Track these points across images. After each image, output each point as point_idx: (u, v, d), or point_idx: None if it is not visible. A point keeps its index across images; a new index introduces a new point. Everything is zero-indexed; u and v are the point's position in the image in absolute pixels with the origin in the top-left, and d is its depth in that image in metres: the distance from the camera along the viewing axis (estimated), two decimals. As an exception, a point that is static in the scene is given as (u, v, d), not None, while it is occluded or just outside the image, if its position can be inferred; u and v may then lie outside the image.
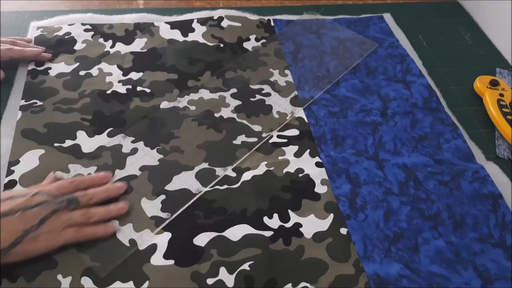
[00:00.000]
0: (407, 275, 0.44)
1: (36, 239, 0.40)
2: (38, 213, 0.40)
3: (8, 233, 0.39)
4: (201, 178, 0.50)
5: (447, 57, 0.70)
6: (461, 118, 0.60)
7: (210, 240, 0.45)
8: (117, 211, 0.45)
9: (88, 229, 0.43)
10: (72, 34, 0.66)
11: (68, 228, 0.42)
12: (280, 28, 0.71)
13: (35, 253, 0.41)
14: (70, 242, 0.42)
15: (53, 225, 0.41)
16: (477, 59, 0.70)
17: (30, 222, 0.40)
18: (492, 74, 0.67)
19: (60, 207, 0.42)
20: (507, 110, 0.59)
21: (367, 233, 0.47)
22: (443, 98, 0.63)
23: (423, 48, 0.71)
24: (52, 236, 0.41)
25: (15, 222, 0.39)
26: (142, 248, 0.44)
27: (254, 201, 0.49)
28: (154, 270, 0.42)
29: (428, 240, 0.47)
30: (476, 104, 0.63)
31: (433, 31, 0.74)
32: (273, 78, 0.63)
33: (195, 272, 0.43)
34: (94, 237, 0.43)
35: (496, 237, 0.47)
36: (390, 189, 0.51)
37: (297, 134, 0.56)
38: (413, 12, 0.78)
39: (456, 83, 0.65)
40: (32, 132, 0.53)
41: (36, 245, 0.40)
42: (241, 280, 0.42)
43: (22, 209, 0.40)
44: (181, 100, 0.59)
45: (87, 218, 0.43)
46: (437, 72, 0.67)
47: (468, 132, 0.58)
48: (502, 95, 0.61)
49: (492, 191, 0.51)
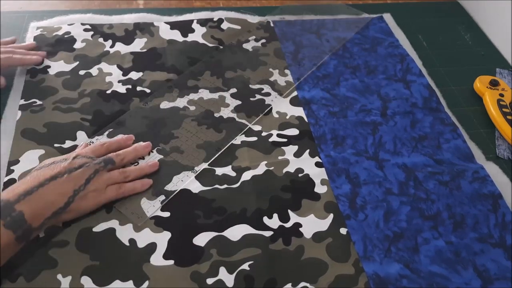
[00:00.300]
0: (407, 275, 0.44)
1: (85, 197, 0.44)
2: (83, 174, 0.44)
3: (60, 194, 0.42)
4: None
5: (447, 57, 0.70)
6: (461, 118, 0.60)
7: (210, 240, 0.45)
8: (149, 168, 0.50)
9: (127, 186, 0.47)
10: (72, 33, 0.66)
11: (110, 186, 0.46)
12: (280, 28, 0.71)
13: (86, 210, 0.45)
14: (113, 198, 0.46)
15: (98, 184, 0.45)
16: (477, 59, 0.70)
17: (78, 182, 0.43)
18: (492, 74, 0.67)
19: (100, 167, 0.46)
20: (507, 110, 0.59)
21: (367, 233, 0.47)
22: (443, 98, 0.62)
23: (423, 48, 0.71)
24: (98, 194, 0.45)
25: (65, 183, 0.42)
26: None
27: (254, 201, 0.49)
28: (154, 270, 0.42)
29: (428, 240, 0.47)
30: (476, 104, 0.63)
31: (433, 31, 0.74)
32: (273, 78, 0.63)
33: (195, 272, 0.43)
34: (133, 193, 0.47)
35: (496, 237, 0.47)
36: (390, 189, 0.51)
37: (297, 134, 0.56)
38: (413, 12, 0.78)
39: (456, 83, 0.65)
40: (32, 132, 0.53)
41: (86, 203, 0.44)
42: (241, 280, 0.42)
43: (68, 172, 0.43)
44: (181, 100, 0.59)
45: (124, 177, 0.47)
46: (437, 72, 0.67)
47: (468, 132, 0.58)
48: (502, 95, 0.61)
49: (492, 191, 0.51)
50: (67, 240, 0.44)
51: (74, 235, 0.44)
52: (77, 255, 0.43)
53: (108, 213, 0.46)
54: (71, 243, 0.43)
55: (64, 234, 0.44)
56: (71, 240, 0.44)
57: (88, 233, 0.44)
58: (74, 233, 0.44)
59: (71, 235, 0.44)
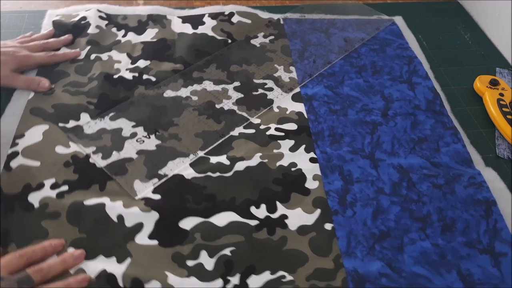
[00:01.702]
0: (388, 274, 0.43)
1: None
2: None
3: None
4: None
5: (447, 57, 0.69)
6: (461, 118, 0.60)
7: (196, 224, 0.46)
8: (76, 284, 0.40)
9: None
10: (88, 19, 0.68)
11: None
12: (289, 26, 0.72)
13: None
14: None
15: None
16: (477, 59, 0.70)
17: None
18: (492, 74, 0.66)
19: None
20: (507, 110, 0.59)
21: (353, 230, 0.47)
22: (447, 101, 0.62)
23: (423, 48, 0.71)
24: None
25: None
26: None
27: (245, 190, 0.50)
28: (137, 248, 0.44)
29: (414, 241, 0.46)
30: (476, 104, 0.62)
31: (433, 31, 0.74)
32: (277, 74, 0.64)
33: (176, 253, 0.44)
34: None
35: (484, 243, 0.46)
36: (382, 188, 0.51)
37: (295, 129, 0.57)
38: (413, 12, 0.78)
39: (456, 83, 0.65)
40: (40, 110, 0.55)
41: None
42: (221, 264, 0.43)
43: None
44: (185, 90, 0.60)
45: (41, 276, 0.39)
46: (437, 72, 0.66)
47: (468, 132, 0.58)
48: (502, 95, 0.61)
49: (487, 197, 0.50)
50: (59, 212, 0.46)
51: (66, 208, 0.46)
52: (67, 227, 0.45)
53: (102, 189, 0.48)
54: (63, 215, 0.45)
55: (57, 206, 0.46)
56: (62, 212, 0.46)
57: (80, 206, 0.46)
58: (66, 206, 0.46)
59: (63, 207, 0.46)
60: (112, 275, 0.42)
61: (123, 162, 0.51)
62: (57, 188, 0.48)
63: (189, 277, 0.42)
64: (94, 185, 0.48)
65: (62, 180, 0.49)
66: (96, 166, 0.50)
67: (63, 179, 0.49)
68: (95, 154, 0.52)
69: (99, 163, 0.51)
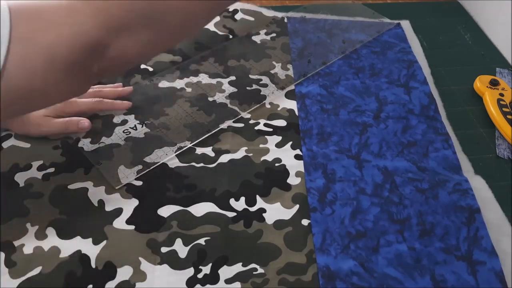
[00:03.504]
0: (359, 273, 0.43)
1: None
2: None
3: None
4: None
5: (447, 57, 0.69)
6: (461, 118, 0.59)
7: (173, 212, 0.47)
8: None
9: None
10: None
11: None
12: (293, 24, 0.72)
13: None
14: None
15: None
16: (477, 59, 0.69)
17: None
18: (492, 74, 0.65)
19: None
20: (507, 110, 0.58)
21: (330, 228, 0.46)
22: (442, 101, 0.61)
23: (423, 48, 0.70)
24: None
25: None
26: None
27: (226, 182, 0.50)
28: (114, 231, 0.45)
29: (391, 243, 0.46)
30: (476, 104, 0.61)
31: (433, 31, 0.73)
32: (274, 71, 0.64)
33: (151, 239, 0.44)
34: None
35: (463, 250, 0.45)
36: (364, 189, 0.50)
37: (284, 125, 0.57)
38: (413, 12, 0.77)
39: (456, 83, 0.64)
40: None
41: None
42: (194, 253, 0.44)
43: None
44: (180, 81, 0.61)
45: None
46: (437, 72, 0.66)
47: (467, 132, 0.57)
48: (502, 95, 0.60)
49: (471, 204, 0.49)
50: (42, 193, 0.47)
51: (50, 189, 0.47)
52: (48, 207, 0.46)
53: (86, 174, 0.49)
54: (45, 195, 0.47)
55: (41, 187, 0.47)
56: (46, 193, 0.47)
57: (63, 189, 0.48)
58: (50, 188, 0.47)
59: (47, 189, 0.47)
60: (86, 255, 0.43)
61: (110, 147, 0.52)
62: (44, 170, 0.49)
63: (161, 264, 0.43)
64: (79, 168, 0.50)
65: (49, 162, 0.50)
66: (83, 151, 0.52)
67: (50, 162, 0.50)
68: (85, 138, 0.53)
69: (88, 147, 0.52)
